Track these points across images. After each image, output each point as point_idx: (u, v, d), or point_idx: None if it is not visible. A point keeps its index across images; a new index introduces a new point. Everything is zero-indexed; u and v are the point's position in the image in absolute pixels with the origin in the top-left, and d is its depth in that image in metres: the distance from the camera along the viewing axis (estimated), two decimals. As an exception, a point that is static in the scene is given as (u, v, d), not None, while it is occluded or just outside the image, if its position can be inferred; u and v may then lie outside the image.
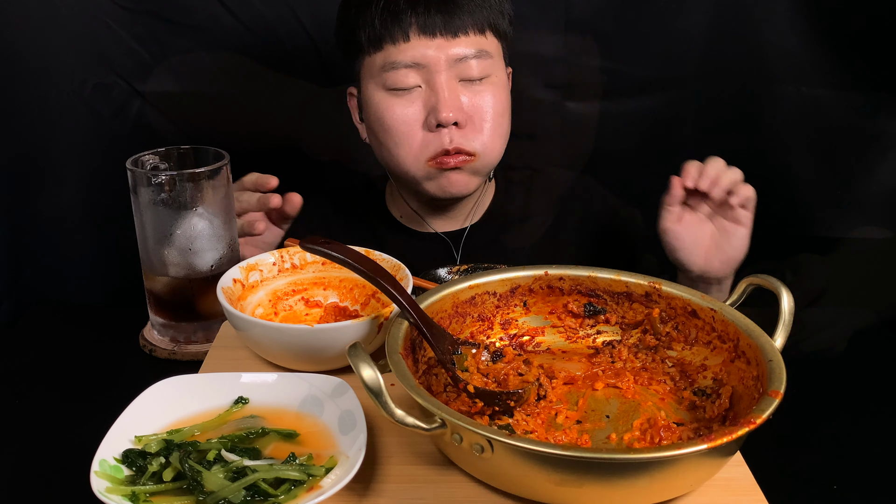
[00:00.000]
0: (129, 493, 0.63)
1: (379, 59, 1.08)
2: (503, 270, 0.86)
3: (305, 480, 0.65)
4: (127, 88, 1.39)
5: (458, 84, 1.08)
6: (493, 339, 0.84)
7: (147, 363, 0.98)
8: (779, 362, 0.70)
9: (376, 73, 1.09)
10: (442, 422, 0.63)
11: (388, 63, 1.07)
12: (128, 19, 1.35)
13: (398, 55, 1.06)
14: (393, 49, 1.07)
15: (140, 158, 0.97)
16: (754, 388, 0.70)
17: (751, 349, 0.73)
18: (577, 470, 0.61)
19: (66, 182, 1.42)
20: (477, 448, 0.62)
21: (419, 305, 0.77)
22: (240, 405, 0.75)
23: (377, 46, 1.08)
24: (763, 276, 0.80)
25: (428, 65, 1.06)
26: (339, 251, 0.77)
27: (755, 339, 0.74)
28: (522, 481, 0.64)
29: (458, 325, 0.83)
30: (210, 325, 0.99)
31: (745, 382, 0.73)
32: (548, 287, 0.86)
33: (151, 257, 0.97)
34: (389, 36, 1.06)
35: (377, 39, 1.07)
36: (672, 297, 0.82)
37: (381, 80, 1.09)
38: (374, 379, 0.63)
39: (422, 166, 1.10)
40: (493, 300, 0.85)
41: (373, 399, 0.63)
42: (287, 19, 1.38)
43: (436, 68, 1.06)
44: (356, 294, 0.94)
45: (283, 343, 0.81)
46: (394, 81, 1.08)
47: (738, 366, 0.75)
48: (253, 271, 0.92)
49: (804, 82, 1.42)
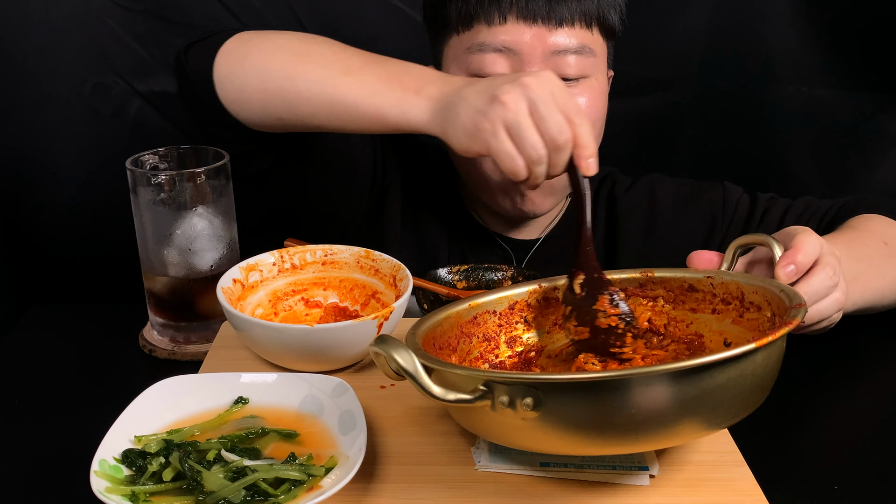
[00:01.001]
0: (128, 493, 0.63)
1: (466, 39, 0.98)
2: (501, 289, 0.84)
3: (305, 480, 0.65)
4: (127, 88, 1.39)
5: None
6: (501, 357, 0.84)
7: (147, 363, 0.98)
8: (789, 287, 0.71)
9: (461, 54, 0.99)
10: (487, 388, 0.61)
11: (476, 44, 0.97)
12: (128, 19, 1.35)
13: (489, 36, 0.96)
14: (485, 29, 0.96)
15: (140, 158, 0.97)
16: (772, 326, 0.70)
17: (758, 294, 0.74)
18: (639, 395, 0.59)
19: (67, 182, 1.42)
20: (527, 405, 0.59)
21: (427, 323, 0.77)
22: (239, 405, 0.75)
23: (467, 24, 0.98)
24: (747, 235, 0.81)
25: (521, 52, 0.96)
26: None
27: (758, 283, 0.74)
28: (577, 432, 0.61)
29: (466, 346, 0.82)
30: (210, 325, 0.99)
31: (762, 328, 0.73)
32: (544, 299, 0.85)
33: (151, 257, 0.97)
34: (484, 14, 0.96)
35: (469, 16, 0.97)
36: (666, 279, 0.82)
37: (464, 63, 0.99)
38: (410, 360, 0.61)
39: (499, 173, 0.99)
40: (494, 319, 0.84)
41: (410, 380, 0.61)
42: (287, 19, 1.38)
43: (529, 58, 0.96)
44: (356, 294, 0.94)
45: (282, 343, 0.81)
46: (479, 66, 0.97)
47: (750, 317, 0.75)
48: (253, 271, 0.92)
49: (804, 82, 1.42)
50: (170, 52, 1.37)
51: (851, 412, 0.93)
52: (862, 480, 0.78)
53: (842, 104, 1.43)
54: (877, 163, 1.47)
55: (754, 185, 1.20)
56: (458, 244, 1.17)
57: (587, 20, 0.98)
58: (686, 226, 1.15)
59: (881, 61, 1.40)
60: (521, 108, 0.75)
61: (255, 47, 0.92)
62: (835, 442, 0.86)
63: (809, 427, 0.86)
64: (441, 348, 0.78)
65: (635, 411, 0.60)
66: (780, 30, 1.39)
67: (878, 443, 0.85)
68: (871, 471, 0.80)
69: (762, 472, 0.70)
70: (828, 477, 0.78)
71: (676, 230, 1.15)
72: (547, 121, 0.75)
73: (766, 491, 0.68)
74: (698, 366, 0.59)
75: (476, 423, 0.67)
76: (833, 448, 0.84)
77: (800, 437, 0.84)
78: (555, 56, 0.97)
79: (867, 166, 1.46)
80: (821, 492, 0.76)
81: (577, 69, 0.99)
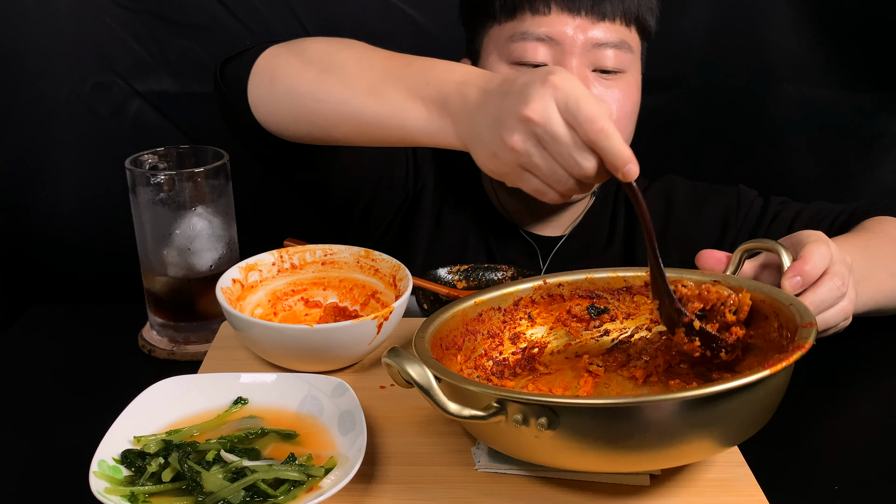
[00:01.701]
0: (127, 493, 0.63)
1: (509, 29, 1.01)
2: (505, 285, 0.85)
3: (305, 481, 0.65)
4: (126, 88, 1.39)
5: (589, 74, 1.00)
6: (505, 354, 0.84)
7: (146, 363, 0.98)
8: (799, 302, 0.71)
9: (503, 43, 1.01)
10: (500, 405, 0.61)
11: (519, 33, 1.00)
12: (128, 19, 1.35)
13: (532, 26, 0.99)
14: (529, 18, 0.99)
15: (139, 158, 0.97)
16: (780, 337, 0.70)
17: (765, 304, 0.74)
18: (653, 419, 0.60)
19: (66, 182, 1.42)
20: (541, 424, 0.60)
21: (435, 322, 0.77)
22: (239, 405, 0.75)
23: (511, 14, 1.00)
24: (755, 240, 0.81)
25: (563, 43, 0.99)
26: None
27: (766, 293, 0.74)
28: (590, 451, 0.62)
29: (472, 343, 0.82)
30: (209, 325, 0.98)
31: (769, 337, 0.73)
32: (548, 296, 0.85)
33: (150, 257, 0.97)
34: (529, 4, 0.99)
35: (513, 6, 1.00)
36: (672, 280, 0.81)
37: (506, 52, 1.01)
38: (424, 375, 0.62)
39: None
40: (499, 315, 0.84)
41: (424, 396, 0.62)
42: (287, 19, 1.38)
43: (570, 49, 0.99)
44: (356, 294, 0.94)
45: (282, 343, 0.81)
46: (521, 54, 1.00)
47: (756, 326, 0.74)
48: (252, 271, 0.92)
49: (804, 82, 1.42)
50: (170, 52, 1.38)
51: (852, 412, 0.93)
52: (862, 481, 0.78)
53: (842, 104, 1.42)
54: (877, 163, 1.47)
55: (754, 184, 1.20)
56: (485, 241, 1.18)
57: (628, 18, 1.01)
58: (700, 227, 1.15)
59: (881, 61, 1.40)
60: (531, 151, 0.72)
61: (285, 65, 0.92)
62: (835, 442, 0.85)
63: (810, 427, 0.86)
64: (448, 348, 0.78)
65: (648, 434, 0.60)
66: (781, 30, 1.39)
67: (879, 443, 0.85)
68: (872, 471, 0.79)
69: (762, 472, 0.70)
70: (828, 477, 0.78)
71: (691, 231, 1.16)
72: (564, 159, 0.72)
73: (767, 491, 0.68)
74: (711, 395, 0.59)
75: (488, 435, 0.67)
76: (833, 448, 0.84)
77: (800, 438, 0.84)
78: (595, 49, 1.00)
79: (868, 166, 1.46)
80: (821, 492, 0.75)
81: (615, 63, 1.01)
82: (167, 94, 1.38)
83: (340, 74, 0.88)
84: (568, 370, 0.82)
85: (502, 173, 0.76)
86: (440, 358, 0.75)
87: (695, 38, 1.41)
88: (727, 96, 1.44)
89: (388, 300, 0.89)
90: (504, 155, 0.73)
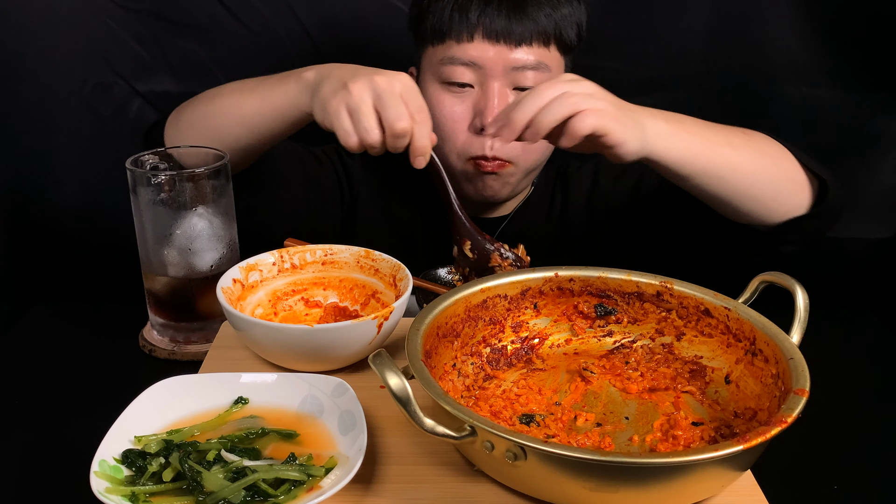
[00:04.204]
0: (128, 493, 0.63)
1: (440, 52, 1.11)
2: (514, 273, 0.85)
3: (305, 481, 0.65)
4: (127, 88, 1.39)
5: (510, 92, 1.09)
6: (504, 342, 0.84)
7: (146, 363, 0.98)
8: (800, 359, 0.70)
9: (435, 63, 1.11)
10: (472, 430, 0.62)
11: (447, 57, 1.09)
12: (128, 19, 1.35)
13: (458, 52, 1.08)
14: (454, 45, 1.09)
15: (140, 158, 0.97)
16: (774, 385, 0.70)
17: (768, 347, 0.73)
18: (616, 475, 0.60)
19: (67, 182, 1.42)
20: (510, 456, 0.61)
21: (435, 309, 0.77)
22: (239, 405, 0.75)
23: (440, 39, 1.10)
24: (776, 273, 0.79)
25: (485, 67, 1.08)
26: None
27: (772, 336, 0.73)
28: (556, 487, 0.63)
29: (471, 329, 0.82)
30: (210, 325, 0.99)
31: (764, 380, 0.73)
32: (558, 289, 0.85)
33: (151, 257, 0.97)
34: (454, 32, 1.08)
35: (441, 33, 1.10)
36: (684, 296, 0.82)
37: (437, 73, 1.11)
38: (402, 388, 0.62)
39: (462, 164, 1.13)
40: (504, 303, 0.84)
41: (400, 408, 0.62)
42: (287, 19, 1.38)
43: (491, 73, 1.08)
44: (356, 294, 0.94)
45: (282, 343, 0.81)
46: (449, 75, 1.10)
47: (756, 364, 0.75)
48: (252, 271, 0.92)
49: (804, 82, 1.42)
50: (170, 52, 1.38)
51: (852, 412, 0.93)
52: (862, 480, 0.78)
53: (842, 104, 1.42)
54: (877, 162, 1.47)
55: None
56: (439, 230, 1.22)
57: (544, 39, 1.09)
58: (620, 192, 1.24)
59: (881, 61, 1.40)
60: (364, 97, 0.88)
61: (184, 110, 1.08)
62: (835, 442, 0.86)
63: (809, 427, 0.86)
64: (444, 336, 0.78)
65: (618, 486, 0.61)
66: (781, 30, 1.39)
67: (879, 443, 0.85)
68: (872, 471, 0.80)
69: (762, 472, 0.70)
70: (828, 477, 0.78)
71: (613, 195, 1.26)
72: (388, 110, 0.88)
73: (766, 491, 0.68)
74: (680, 464, 0.59)
75: (466, 450, 0.69)
76: (833, 448, 0.84)
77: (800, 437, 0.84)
78: (514, 71, 1.09)
79: (867, 166, 1.46)
80: (821, 492, 0.76)
81: (534, 81, 1.09)
82: (168, 94, 1.38)
83: (224, 93, 1.06)
84: (563, 369, 0.82)
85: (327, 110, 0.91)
86: (435, 348, 0.75)
87: (695, 38, 1.41)
88: (727, 96, 1.44)
89: (389, 300, 0.90)
90: (340, 95, 0.89)
